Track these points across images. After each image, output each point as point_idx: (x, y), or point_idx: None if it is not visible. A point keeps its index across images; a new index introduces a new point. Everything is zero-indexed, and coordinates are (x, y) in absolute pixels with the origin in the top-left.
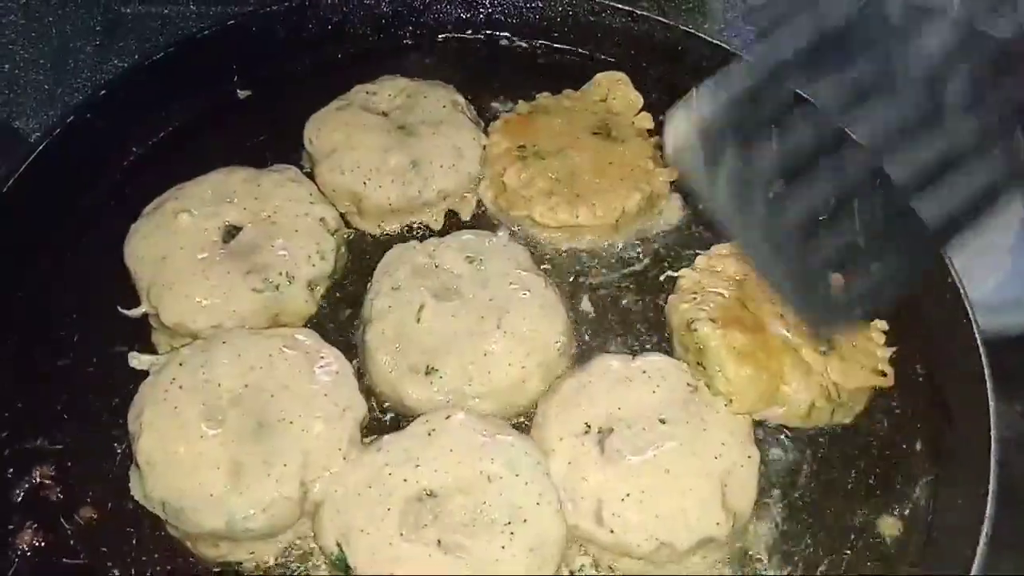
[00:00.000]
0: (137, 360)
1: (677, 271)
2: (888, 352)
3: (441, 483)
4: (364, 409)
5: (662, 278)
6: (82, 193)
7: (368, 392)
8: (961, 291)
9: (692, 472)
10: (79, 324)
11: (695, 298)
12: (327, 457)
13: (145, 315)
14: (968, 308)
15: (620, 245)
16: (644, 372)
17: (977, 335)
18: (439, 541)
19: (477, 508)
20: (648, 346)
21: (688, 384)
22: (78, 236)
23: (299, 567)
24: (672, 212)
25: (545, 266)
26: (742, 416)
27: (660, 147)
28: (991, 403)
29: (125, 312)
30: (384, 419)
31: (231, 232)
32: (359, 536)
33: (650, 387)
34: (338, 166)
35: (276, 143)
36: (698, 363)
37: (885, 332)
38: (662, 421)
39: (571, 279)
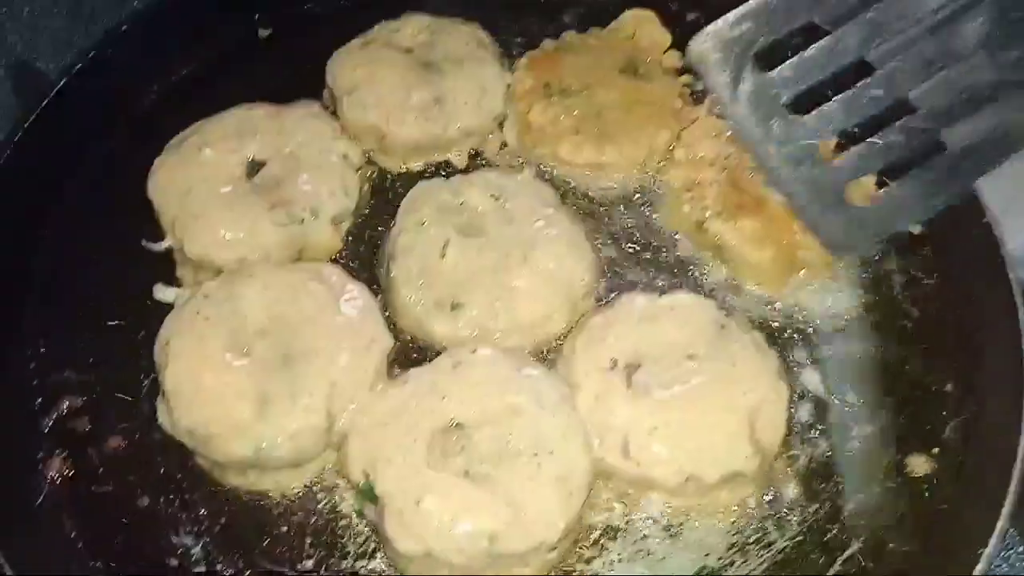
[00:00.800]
0: (163, 292)
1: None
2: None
3: (468, 415)
4: (390, 342)
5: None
6: (104, 130)
7: (393, 328)
8: (995, 233)
9: (720, 407)
10: (104, 259)
11: (691, 196)
12: (353, 388)
13: (169, 249)
14: (1001, 249)
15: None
16: (672, 309)
17: (1011, 276)
18: (466, 471)
19: (504, 440)
20: (675, 284)
21: (716, 321)
22: (101, 172)
23: (324, 497)
24: None
25: (570, 205)
26: (772, 353)
27: (688, 86)
28: None
29: (149, 246)
30: (409, 355)
31: (254, 167)
32: (386, 465)
33: (677, 324)
34: (361, 103)
35: (298, 81)
36: (719, 258)
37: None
38: (690, 357)
39: (596, 218)
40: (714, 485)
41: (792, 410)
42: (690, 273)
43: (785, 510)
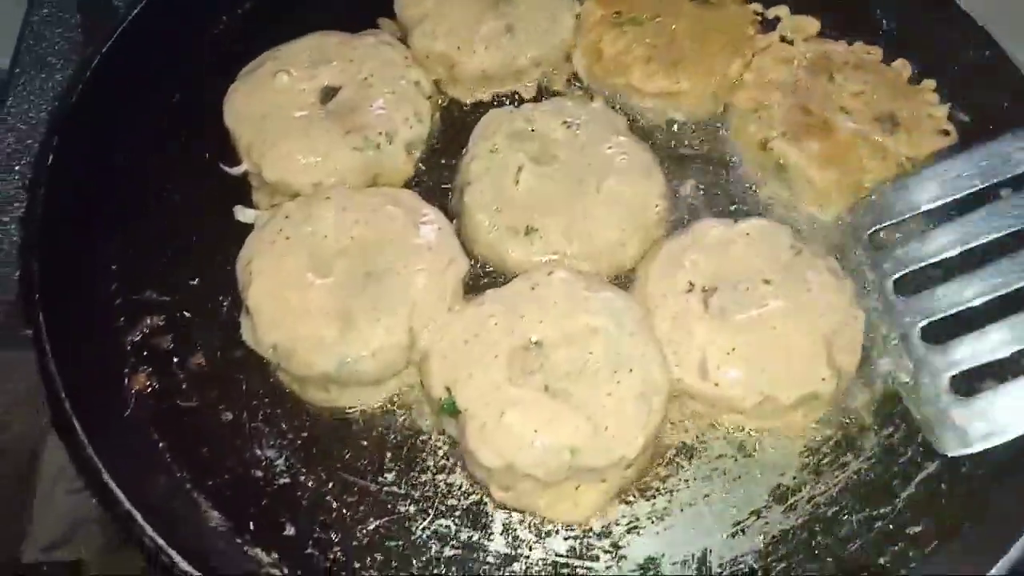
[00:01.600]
0: (243, 214)
1: None
2: (945, 110)
3: (546, 334)
4: (466, 264)
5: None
6: (177, 58)
7: (467, 253)
8: None
9: (798, 330)
10: (183, 183)
11: (758, 116)
12: (433, 307)
13: (246, 173)
14: None
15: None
16: (747, 235)
17: None
18: (546, 387)
19: (582, 358)
20: (748, 211)
21: (792, 246)
22: (178, 99)
23: (403, 414)
24: None
25: (641, 134)
26: (847, 279)
27: (759, 14)
28: None
29: (227, 169)
30: (483, 279)
31: (329, 93)
32: (468, 381)
33: (753, 249)
34: (431, 32)
35: (367, 10)
36: (781, 178)
37: (935, 90)
38: (766, 281)
39: (668, 149)
40: (790, 407)
41: (867, 336)
42: (754, 196)
43: (859, 432)
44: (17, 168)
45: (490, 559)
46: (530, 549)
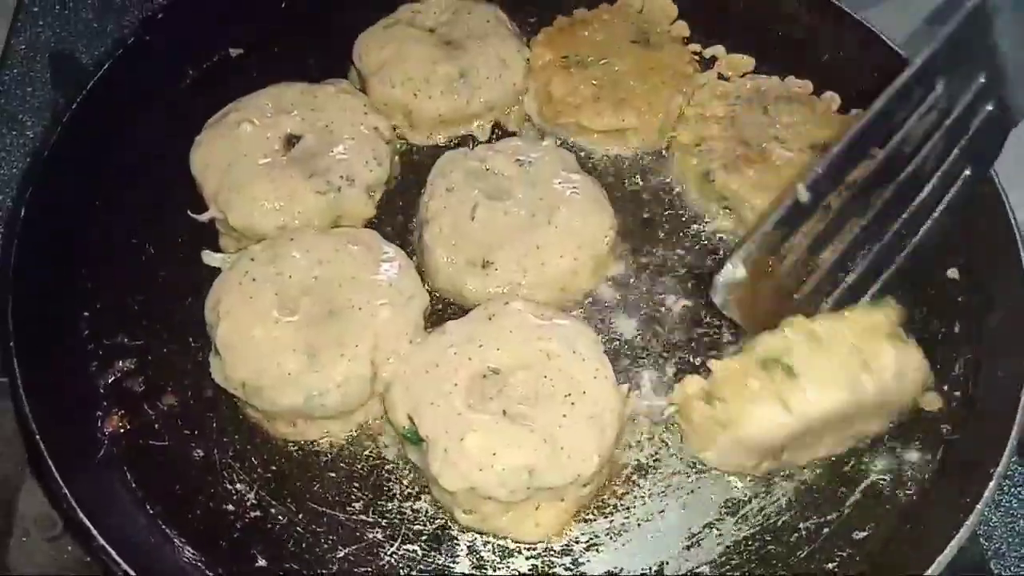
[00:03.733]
0: (210, 258)
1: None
2: None
3: (503, 361)
4: (426, 299)
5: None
6: (145, 112)
7: (428, 288)
8: (998, 185)
9: None
10: (152, 231)
11: (699, 149)
12: (395, 340)
13: (213, 220)
14: (1007, 203)
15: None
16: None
17: (1014, 219)
18: (504, 411)
19: (538, 382)
20: (686, 236)
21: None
22: (146, 150)
23: (370, 445)
24: None
25: (590, 169)
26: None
27: (697, 53)
28: None
29: (195, 216)
30: (444, 313)
31: (291, 141)
32: (429, 408)
33: None
34: (389, 79)
35: (325, 62)
36: (723, 207)
37: None
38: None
39: (617, 183)
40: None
41: None
42: (698, 224)
43: None
44: None
45: None
46: (494, 569)
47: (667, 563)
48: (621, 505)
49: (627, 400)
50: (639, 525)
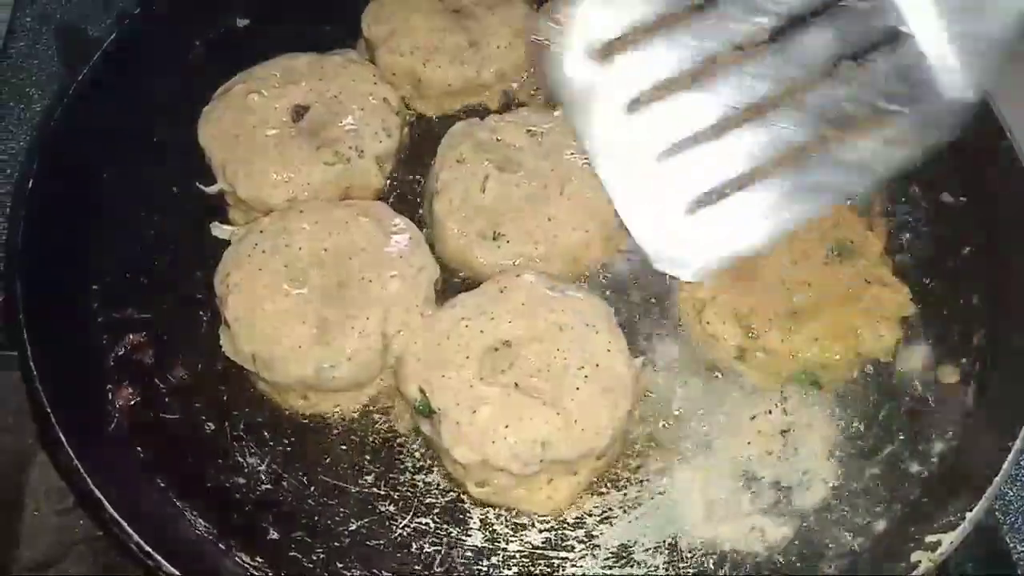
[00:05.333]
0: (219, 230)
1: None
2: None
3: (515, 333)
4: (437, 270)
5: None
6: (152, 83)
7: (438, 261)
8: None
9: None
10: (161, 203)
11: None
12: (406, 312)
13: (222, 192)
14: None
15: None
16: None
17: None
18: (516, 384)
19: (551, 355)
20: None
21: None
22: (153, 122)
23: (381, 418)
24: None
25: None
26: None
27: None
28: None
29: (203, 188)
30: (454, 286)
31: (299, 112)
32: (441, 381)
33: None
34: (397, 48)
35: (334, 32)
36: None
37: None
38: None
39: None
40: None
41: None
42: None
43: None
44: None
45: (468, 553)
46: (507, 542)
47: (680, 536)
48: (635, 479)
49: (640, 374)
50: (652, 498)
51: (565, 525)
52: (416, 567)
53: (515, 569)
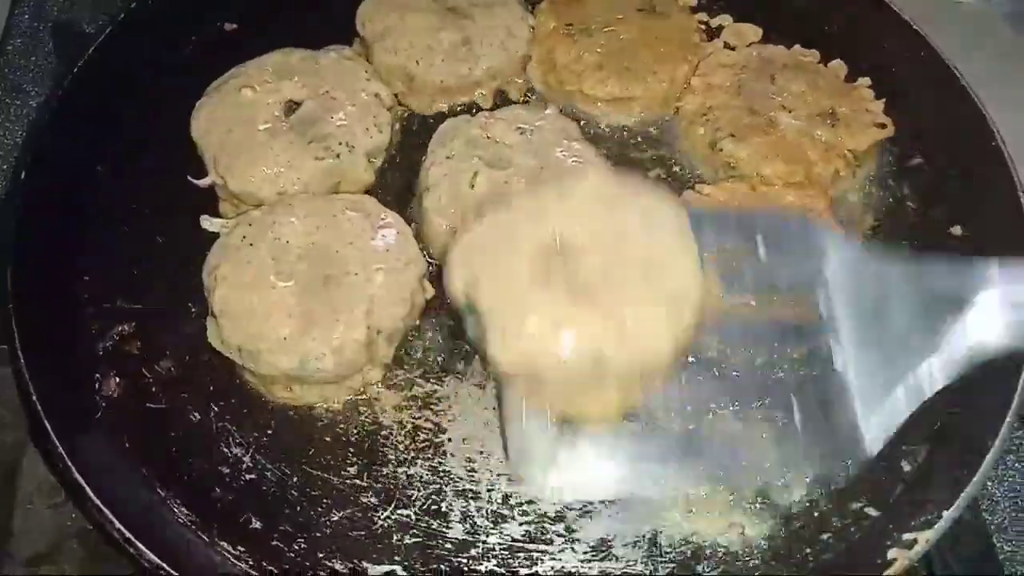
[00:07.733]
0: (209, 222)
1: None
2: (880, 104)
3: (574, 235)
4: (424, 265)
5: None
6: (145, 78)
7: (427, 256)
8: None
9: None
10: (152, 195)
11: (706, 119)
12: (392, 305)
13: (212, 185)
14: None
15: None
16: None
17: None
18: (571, 289)
19: (610, 261)
20: None
21: None
22: (146, 115)
23: (366, 411)
24: None
25: (593, 138)
26: None
27: (703, 23)
28: None
29: (194, 181)
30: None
31: (291, 107)
32: (489, 283)
33: None
34: (392, 47)
35: (329, 30)
36: (730, 176)
37: (870, 87)
38: None
39: (620, 153)
40: None
41: None
42: None
43: None
44: None
45: (449, 545)
46: (487, 535)
47: (660, 531)
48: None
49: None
50: (632, 492)
51: (546, 518)
52: (397, 558)
53: (495, 562)
